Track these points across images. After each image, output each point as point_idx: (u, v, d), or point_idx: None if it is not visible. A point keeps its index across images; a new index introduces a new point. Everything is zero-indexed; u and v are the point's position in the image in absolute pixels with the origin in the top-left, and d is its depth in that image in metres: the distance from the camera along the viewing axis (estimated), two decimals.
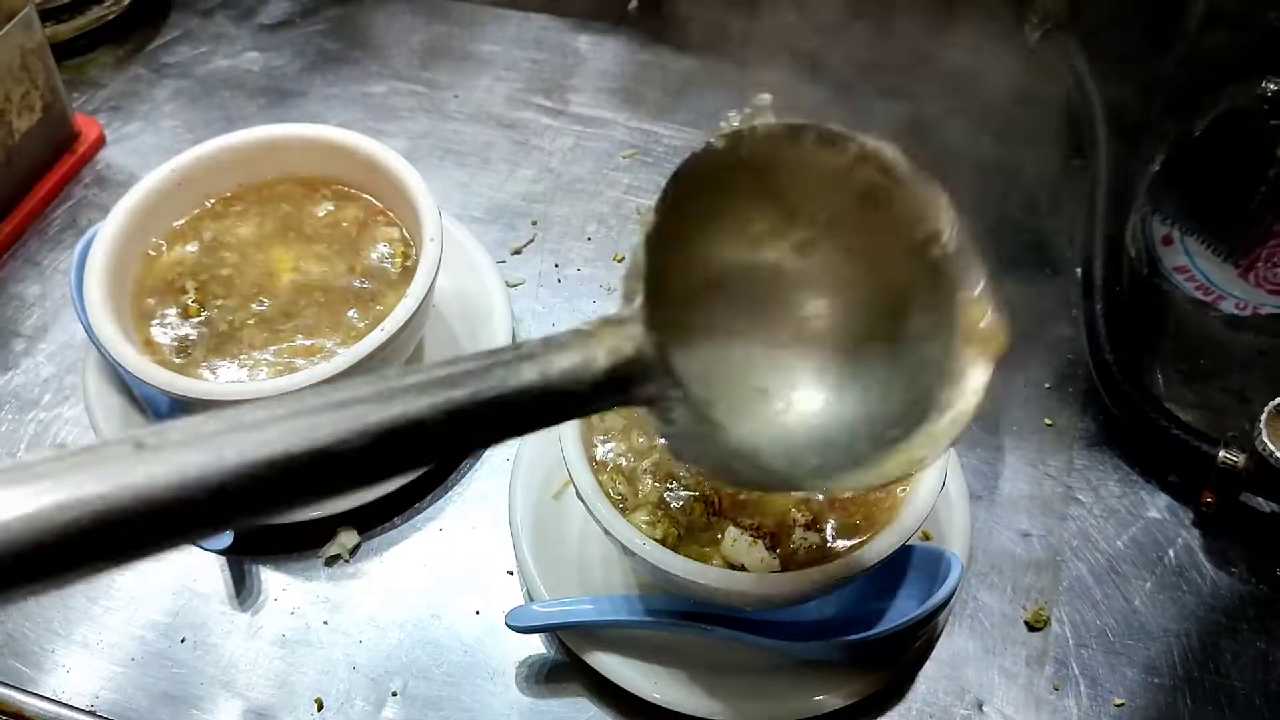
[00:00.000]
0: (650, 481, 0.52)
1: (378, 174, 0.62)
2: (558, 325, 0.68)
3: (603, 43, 0.83)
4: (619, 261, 0.71)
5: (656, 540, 0.49)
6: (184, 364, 0.57)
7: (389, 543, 0.59)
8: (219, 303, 0.59)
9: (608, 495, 0.50)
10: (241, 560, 0.59)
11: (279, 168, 0.63)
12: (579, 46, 0.83)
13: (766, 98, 0.75)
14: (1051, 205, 0.74)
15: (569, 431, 0.51)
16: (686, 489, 0.51)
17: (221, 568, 0.59)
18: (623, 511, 0.50)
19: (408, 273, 0.60)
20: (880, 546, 0.48)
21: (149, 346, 0.57)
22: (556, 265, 0.71)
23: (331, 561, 0.59)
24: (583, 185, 0.75)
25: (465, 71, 0.81)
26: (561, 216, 0.73)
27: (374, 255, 0.61)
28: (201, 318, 0.58)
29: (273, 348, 0.57)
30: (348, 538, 0.59)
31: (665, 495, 0.51)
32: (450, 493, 0.61)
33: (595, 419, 0.53)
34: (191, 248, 0.61)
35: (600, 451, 0.52)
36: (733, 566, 0.49)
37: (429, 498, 0.61)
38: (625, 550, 0.49)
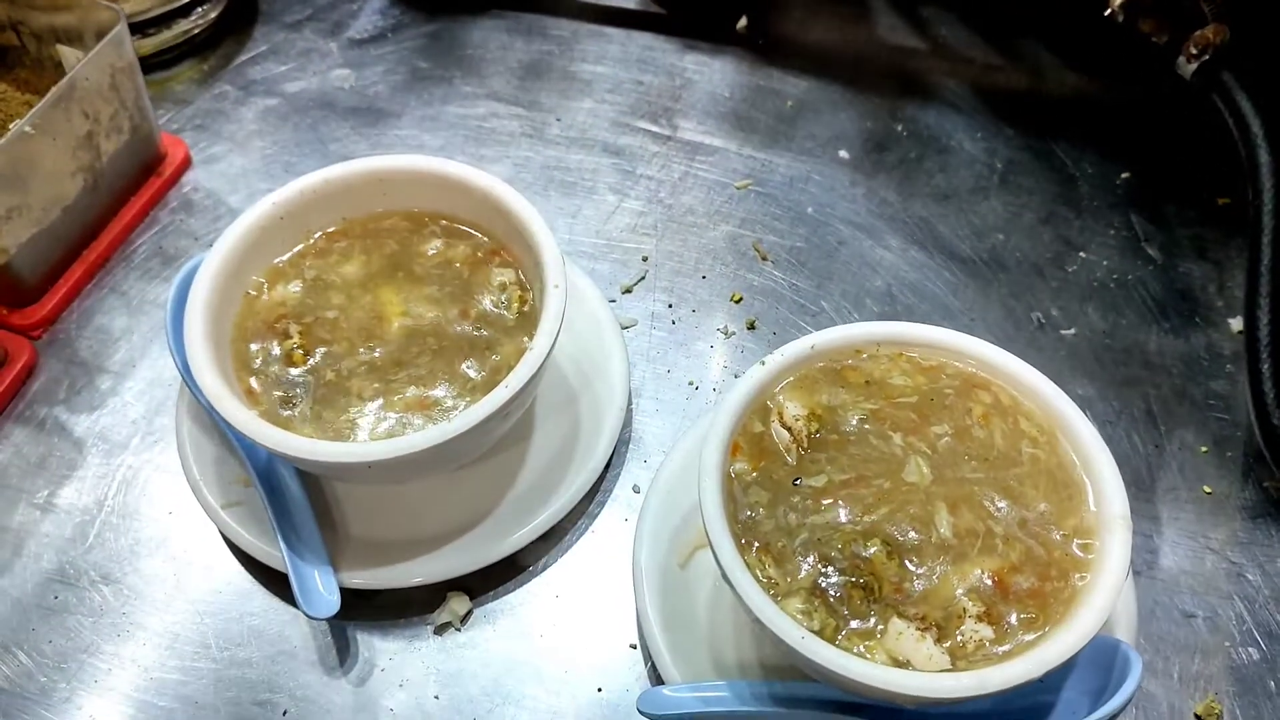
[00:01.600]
0: (802, 564, 0.47)
1: (492, 210, 0.58)
2: (672, 372, 0.64)
3: (710, 63, 0.79)
4: (736, 302, 0.66)
5: (814, 632, 0.44)
6: (289, 417, 0.53)
7: (502, 610, 0.55)
8: (324, 349, 0.55)
9: (756, 579, 0.46)
10: (345, 625, 0.55)
11: (386, 202, 0.59)
12: (685, 67, 0.79)
13: None
14: (1197, 249, 0.69)
15: (712, 504, 0.47)
16: (843, 573, 0.47)
17: (323, 633, 0.55)
18: (774, 598, 0.46)
19: (524, 318, 0.56)
20: (1063, 645, 0.44)
21: (250, 396, 0.53)
22: (670, 305, 0.66)
23: (442, 630, 0.55)
24: (694, 218, 0.70)
25: (567, 93, 0.77)
26: (673, 252, 0.69)
27: (488, 299, 0.56)
28: (307, 365, 0.54)
29: (381, 399, 0.53)
30: (459, 604, 0.55)
31: (820, 580, 0.47)
32: (566, 555, 0.57)
33: (738, 490, 0.49)
34: (295, 287, 0.57)
35: (744, 526, 0.48)
36: (897, 662, 0.45)
37: (542, 561, 0.57)
38: (781, 643, 0.44)
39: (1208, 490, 0.59)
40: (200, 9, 0.77)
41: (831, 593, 0.46)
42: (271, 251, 0.58)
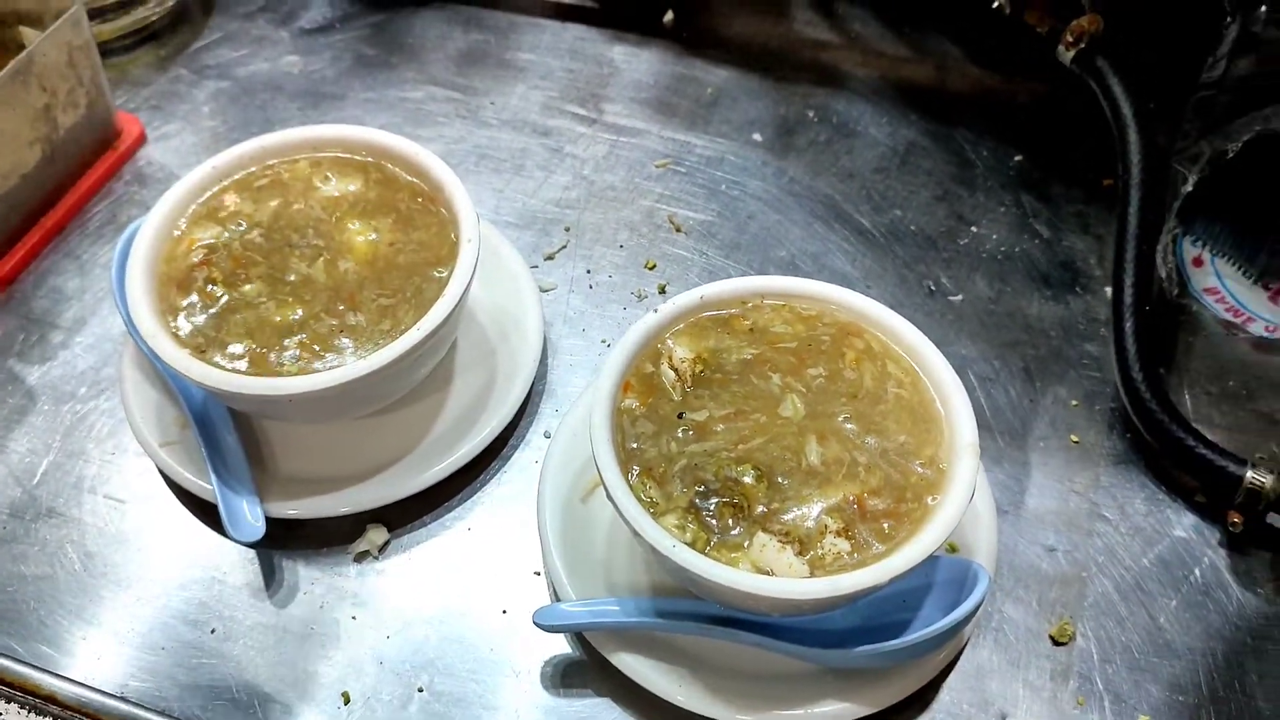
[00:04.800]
0: (680, 486, 0.52)
1: (416, 174, 0.63)
2: (588, 330, 0.69)
3: (637, 54, 0.84)
4: (650, 269, 0.71)
5: (686, 544, 0.49)
6: (218, 357, 0.56)
7: (417, 541, 0.60)
8: (251, 288, 0.58)
9: (639, 499, 0.51)
10: (271, 554, 0.59)
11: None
12: (614, 57, 0.84)
13: None
14: (1081, 225, 0.74)
15: (601, 434, 0.52)
16: (716, 494, 0.52)
17: (251, 560, 0.59)
18: (654, 516, 0.50)
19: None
20: (909, 555, 0.48)
21: (183, 338, 0.57)
22: (588, 271, 0.71)
23: (360, 558, 0.59)
24: (615, 193, 0.76)
25: (501, 79, 0.82)
26: (594, 224, 0.74)
27: (410, 247, 0.61)
28: (233, 305, 0.58)
29: (304, 336, 0.57)
30: (377, 535, 0.59)
31: (695, 500, 0.51)
32: (479, 494, 0.62)
33: (626, 422, 0.53)
34: (217, 230, 0.60)
35: (631, 454, 0.53)
36: (761, 572, 0.49)
37: (458, 498, 0.61)
38: (655, 553, 0.49)
39: (1075, 439, 0.64)
40: None
41: (705, 511, 0.51)
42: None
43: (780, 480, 0.52)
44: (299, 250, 0.60)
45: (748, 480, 0.52)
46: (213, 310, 0.58)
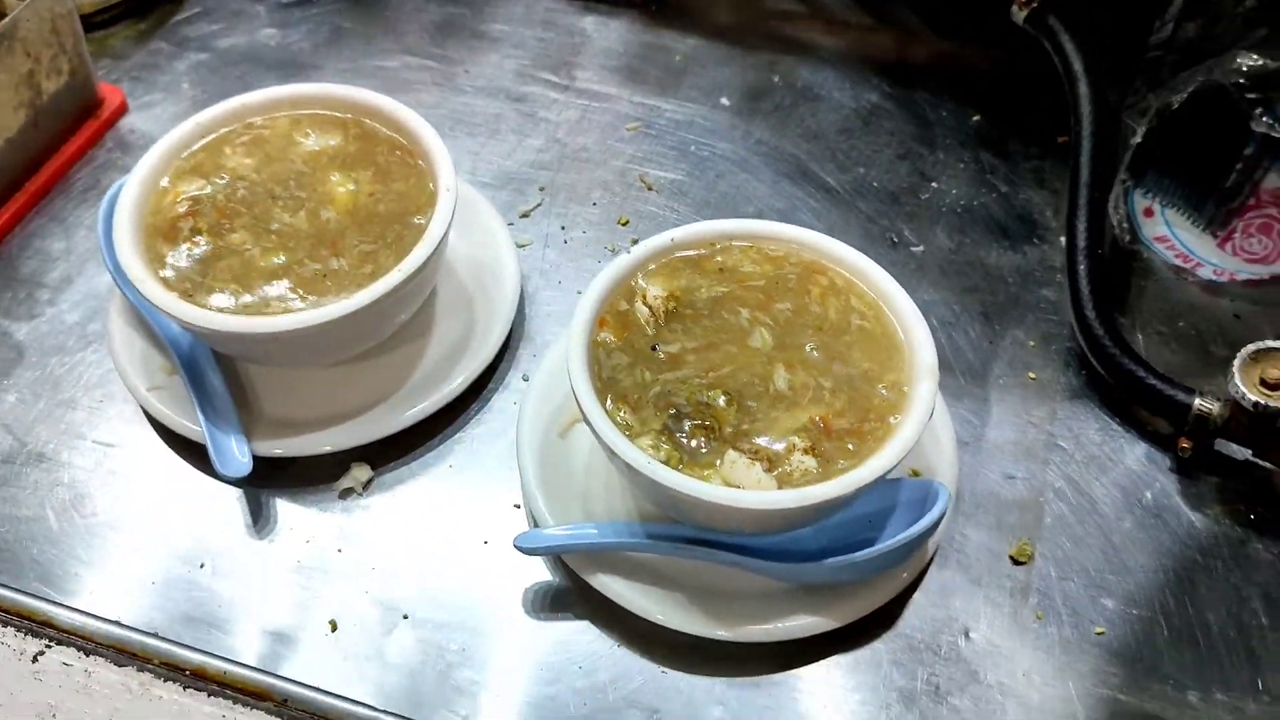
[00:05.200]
0: (654, 411, 0.54)
1: (395, 130, 0.65)
2: (564, 282, 0.71)
3: (607, 24, 0.87)
4: (623, 225, 0.74)
5: (661, 462, 0.51)
6: (205, 300, 0.58)
7: (400, 479, 0.62)
8: (236, 234, 0.60)
9: (614, 423, 0.53)
10: (258, 492, 0.61)
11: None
12: (584, 27, 0.87)
13: None
14: (1037, 179, 0.77)
15: (577, 363, 0.54)
16: (688, 417, 0.54)
17: (238, 499, 0.61)
18: (629, 438, 0.52)
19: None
20: (873, 467, 0.51)
21: (169, 283, 0.59)
22: (563, 228, 0.74)
23: (345, 495, 0.61)
24: (588, 155, 0.78)
25: (475, 49, 0.85)
26: (568, 183, 0.76)
27: (392, 195, 0.63)
28: (217, 250, 0.60)
29: (289, 281, 0.58)
30: (361, 472, 0.61)
31: (668, 423, 0.54)
32: (460, 433, 0.64)
33: (602, 354, 0.56)
34: (201, 183, 0.62)
35: (606, 383, 0.55)
36: (730, 486, 0.52)
37: (439, 437, 0.63)
38: (631, 471, 0.51)
39: (1032, 376, 0.67)
40: None
41: (678, 432, 0.53)
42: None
43: (750, 404, 0.55)
44: (281, 201, 0.62)
45: (719, 404, 0.54)
46: (199, 257, 0.60)
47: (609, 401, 0.54)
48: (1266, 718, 0.54)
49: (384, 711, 0.52)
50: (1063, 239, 0.74)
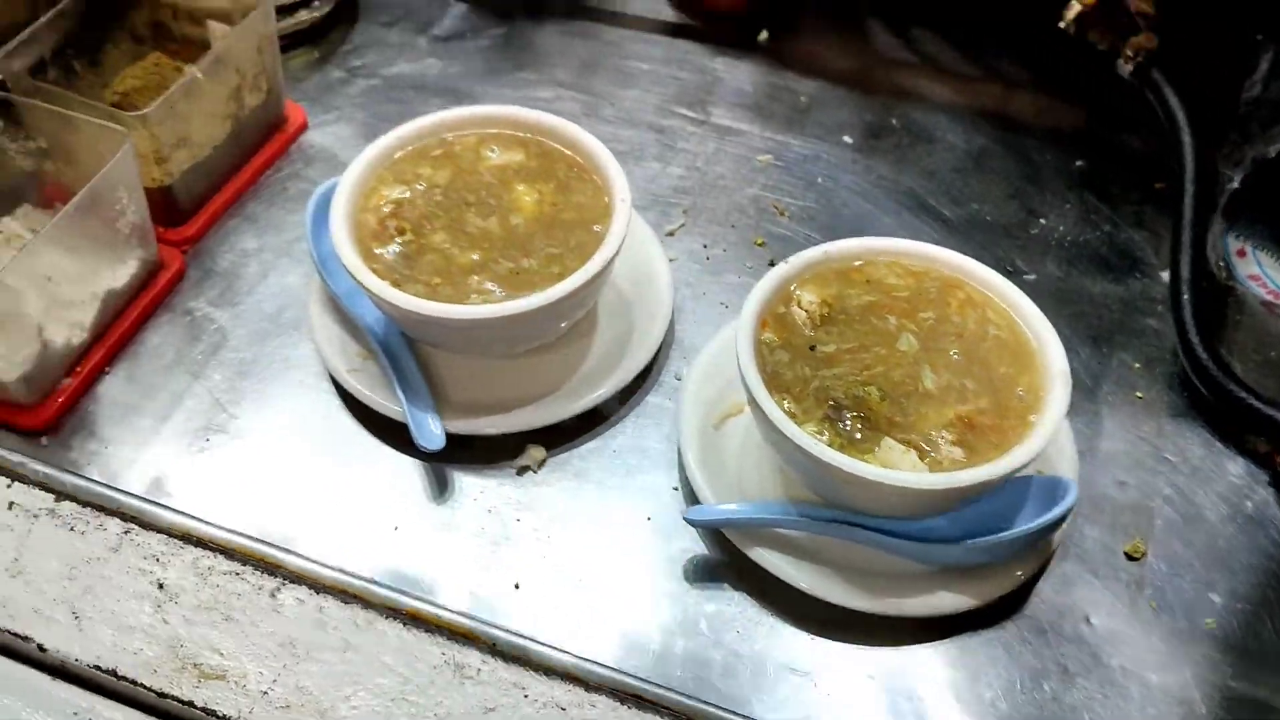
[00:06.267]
0: (815, 403, 0.61)
1: (572, 149, 0.72)
2: (708, 294, 0.78)
3: (737, 66, 0.95)
4: (759, 245, 0.81)
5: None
6: (407, 288, 0.65)
7: (570, 460, 0.69)
8: (437, 236, 0.68)
9: (782, 410, 0.60)
10: (444, 467, 0.68)
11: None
12: (716, 68, 0.95)
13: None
14: (1137, 220, 0.84)
15: (747, 358, 0.61)
16: (846, 409, 0.60)
17: (426, 472, 0.68)
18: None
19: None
20: (1019, 455, 0.57)
21: (377, 274, 0.66)
22: (705, 246, 0.81)
23: (522, 471, 0.68)
24: (725, 182, 0.85)
25: (618, 83, 0.92)
26: (708, 207, 0.83)
27: (574, 206, 0.70)
28: (415, 246, 0.67)
29: (484, 277, 0.66)
30: (537, 452, 0.68)
31: (829, 412, 0.60)
32: (621, 422, 0.70)
33: (765, 351, 0.62)
34: (404, 190, 0.70)
35: (771, 377, 0.62)
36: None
37: (603, 424, 0.70)
38: (798, 452, 0.58)
39: (1139, 395, 0.73)
40: (317, 1, 0.93)
41: (839, 421, 0.60)
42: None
43: (900, 400, 0.61)
44: (474, 207, 0.70)
45: (873, 398, 0.61)
46: (404, 253, 0.67)
47: (774, 394, 0.61)
48: None
49: (577, 657, 0.59)
50: (1164, 274, 0.80)
